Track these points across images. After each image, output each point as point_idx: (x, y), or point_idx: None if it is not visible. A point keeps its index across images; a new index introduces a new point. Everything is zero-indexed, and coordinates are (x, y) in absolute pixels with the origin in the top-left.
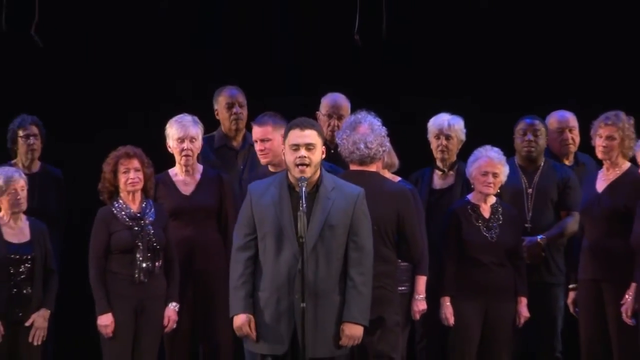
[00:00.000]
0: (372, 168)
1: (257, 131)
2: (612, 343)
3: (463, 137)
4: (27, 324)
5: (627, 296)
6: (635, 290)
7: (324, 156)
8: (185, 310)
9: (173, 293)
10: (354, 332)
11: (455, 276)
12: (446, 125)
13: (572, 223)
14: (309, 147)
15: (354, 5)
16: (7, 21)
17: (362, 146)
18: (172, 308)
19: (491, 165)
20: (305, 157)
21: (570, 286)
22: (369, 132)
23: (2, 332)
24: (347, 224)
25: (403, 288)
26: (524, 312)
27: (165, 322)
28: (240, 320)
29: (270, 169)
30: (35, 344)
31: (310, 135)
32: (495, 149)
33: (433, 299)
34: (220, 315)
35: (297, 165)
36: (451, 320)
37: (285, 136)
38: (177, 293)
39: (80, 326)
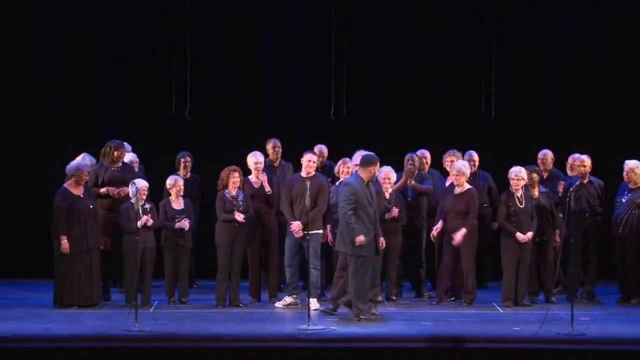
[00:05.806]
0: None
1: (313, 157)
2: (444, 252)
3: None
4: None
5: (460, 234)
6: (464, 232)
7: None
8: (257, 240)
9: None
10: None
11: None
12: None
13: (429, 189)
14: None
15: (330, 95)
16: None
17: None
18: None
19: (387, 175)
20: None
21: (432, 229)
22: None
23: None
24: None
25: None
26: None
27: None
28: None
29: (302, 174)
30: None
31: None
32: (388, 167)
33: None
34: (274, 242)
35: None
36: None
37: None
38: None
39: (207, 245)
